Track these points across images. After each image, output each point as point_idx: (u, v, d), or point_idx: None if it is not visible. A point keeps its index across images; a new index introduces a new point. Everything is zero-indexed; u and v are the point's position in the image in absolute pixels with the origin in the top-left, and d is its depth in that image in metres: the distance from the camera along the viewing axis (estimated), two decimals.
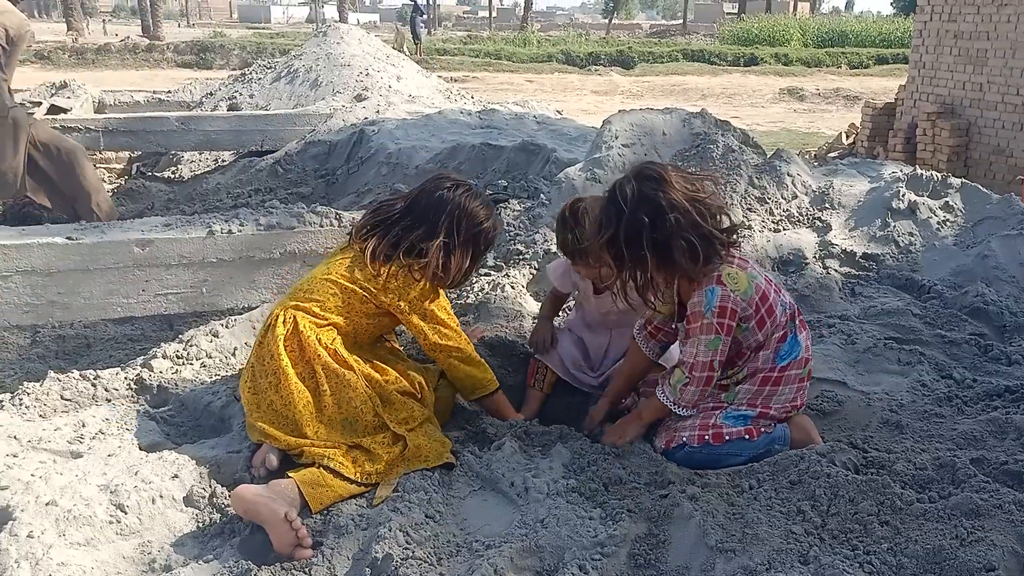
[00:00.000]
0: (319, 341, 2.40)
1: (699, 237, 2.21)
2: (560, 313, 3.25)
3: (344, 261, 2.55)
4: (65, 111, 6.48)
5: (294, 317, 2.43)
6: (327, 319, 2.46)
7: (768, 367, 2.36)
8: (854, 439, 2.46)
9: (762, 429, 2.37)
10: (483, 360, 2.64)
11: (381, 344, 2.67)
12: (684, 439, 2.35)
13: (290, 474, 2.21)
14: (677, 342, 2.70)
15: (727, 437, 2.33)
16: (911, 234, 4.05)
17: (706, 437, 2.33)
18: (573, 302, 3.18)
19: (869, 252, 3.97)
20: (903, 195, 4.15)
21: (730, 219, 2.34)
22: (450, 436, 2.49)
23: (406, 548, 2.00)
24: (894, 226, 4.07)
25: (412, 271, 2.51)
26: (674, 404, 2.36)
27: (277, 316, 2.46)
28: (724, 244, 2.28)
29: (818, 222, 4.12)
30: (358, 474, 2.24)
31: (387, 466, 2.28)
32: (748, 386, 2.37)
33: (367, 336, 2.59)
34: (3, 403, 2.61)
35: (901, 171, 4.44)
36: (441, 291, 2.61)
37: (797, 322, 2.42)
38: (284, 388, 2.32)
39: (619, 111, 4.61)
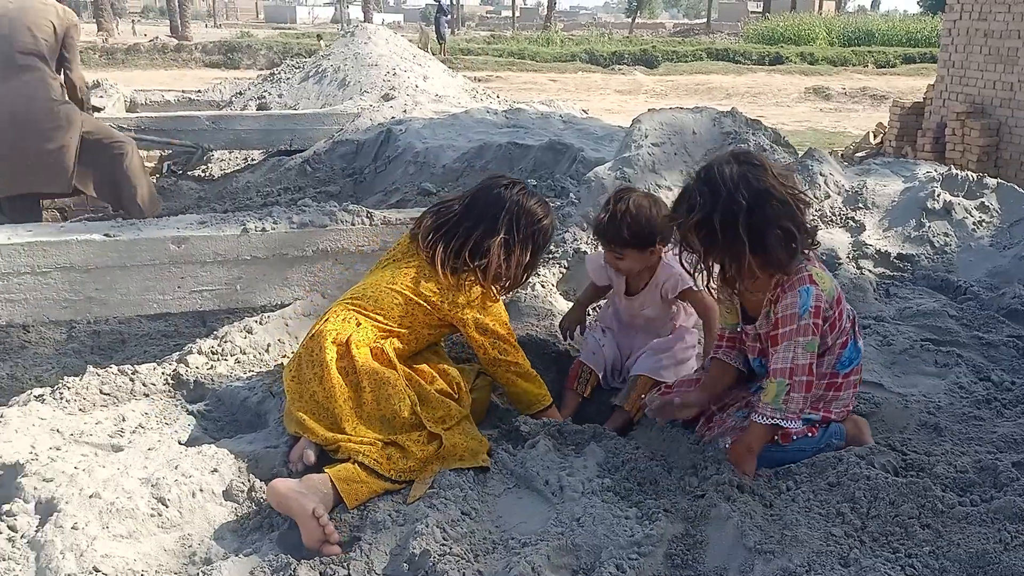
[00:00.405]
0: (370, 344, 2.42)
1: (797, 227, 2.16)
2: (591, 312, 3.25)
3: (410, 272, 2.58)
4: (99, 110, 6.55)
5: (357, 319, 2.46)
6: (392, 331, 2.49)
7: (831, 372, 2.33)
8: (892, 441, 2.44)
9: (817, 427, 2.35)
10: (538, 375, 2.67)
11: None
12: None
13: (326, 469, 2.23)
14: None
15: (794, 436, 2.29)
16: (946, 234, 4.00)
17: (775, 437, 2.29)
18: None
19: (904, 252, 3.93)
20: (938, 195, 4.10)
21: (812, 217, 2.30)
22: (485, 434, 2.50)
23: (443, 544, 2.00)
24: (929, 226, 4.03)
25: (476, 279, 2.55)
26: (782, 419, 2.20)
27: (336, 313, 2.48)
28: (812, 241, 2.24)
29: (851, 222, 4.08)
30: (392, 471, 2.25)
31: (421, 464, 2.29)
32: (814, 391, 2.31)
33: (425, 343, 2.62)
34: (44, 397, 2.65)
35: (936, 171, 4.39)
36: (500, 303, 2.64)
37: (856, 329, 2.39)
38: (327, 381, 2.34)
39: (648, 110, 4.59)
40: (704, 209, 2.16)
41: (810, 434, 2.32)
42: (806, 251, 2.22)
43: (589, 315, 3.18)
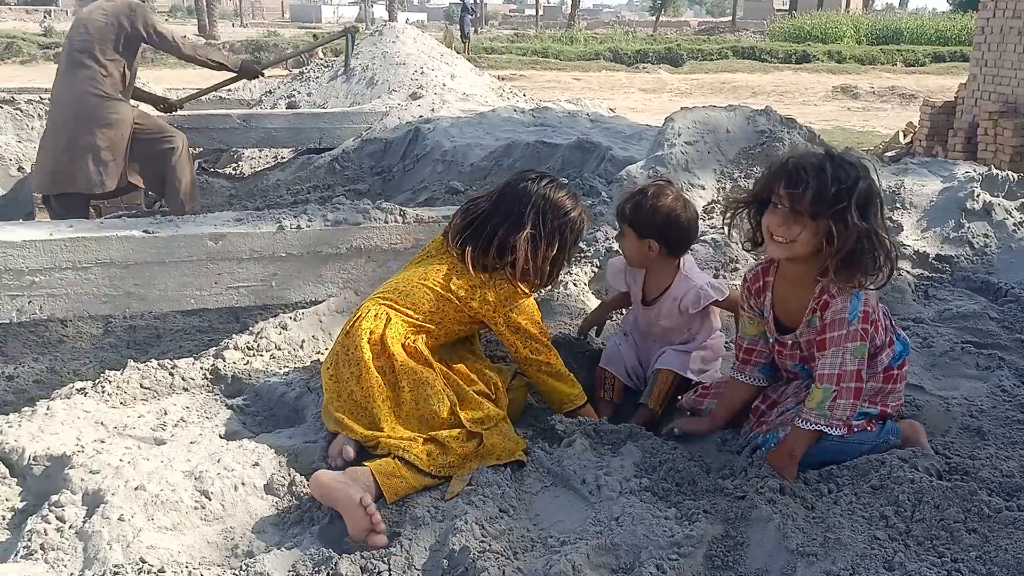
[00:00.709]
0: (402, 340, 2.43)
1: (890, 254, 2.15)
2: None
3: (442, 268, 2.57)
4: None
5: (387, 315, 2.46)
6: (422, 326, 2.49)
7: (886, 366, 2.32)
8: (935, 445, 2.42)
9: (875, 422, 2.33)
10: (571, 374, 2.65)
11: (461, 342, 2.68)
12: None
13: (366, 463, 2.24)
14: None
15: (855, 428, 2.26)
16: (986, 235, 3.95)
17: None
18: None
19: (942, 253, 3.88)
20: (977, 195, 4.05)
21: None
22: (520, 433, 2.50)
23: (482, 541, 2.01)
24: (968, 227, 3.98)
25: (506, 277, 2.53)
26: (827, 426, 2.18)
27: (368, 309, 2.49)
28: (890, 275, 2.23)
29: (889, 222, 4.04)
30: (432, 467, 2.25)
31: (461, 460, 2.29)
32: (871, 383, 2.31)
33: (454, 338, 2.62)
34: (86, 390, 2.68)
35: (975, 171, 4.33)
36: (532, 301, 2.60)
37: (891, 322, 2.38)
38: (365, 380, 2.34)
39: (681, 108, 4.58)
40: (845, 183, 2.09)
41: (869, 428, 2.30)
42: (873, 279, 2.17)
43: (611, 319, 3.16)
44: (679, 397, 2.69)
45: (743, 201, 2.33)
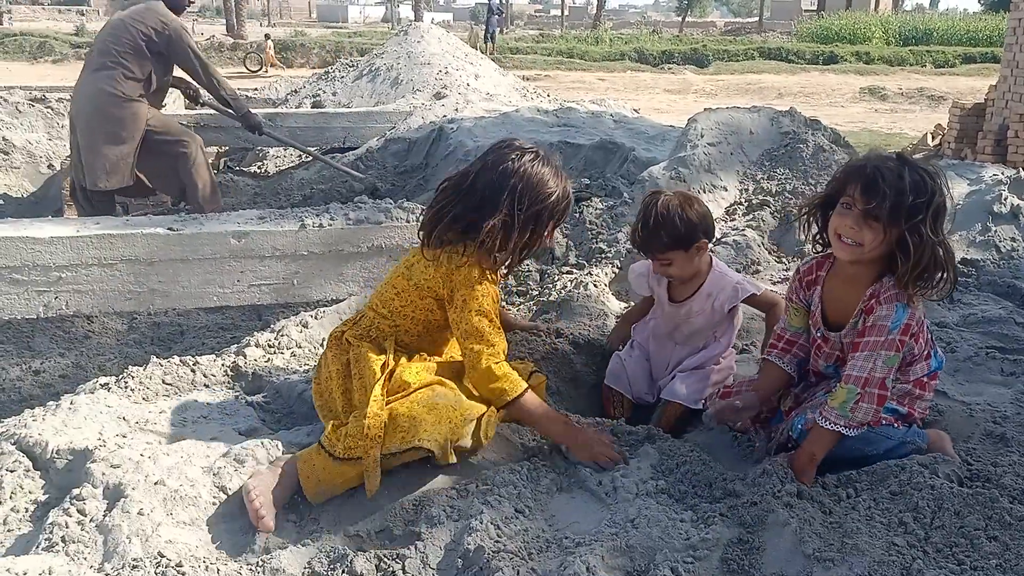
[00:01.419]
0: (367, 337, 2.40)
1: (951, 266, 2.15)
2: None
3: (409, 258, 2.44)
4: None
5: (362, 315, 2.46)
6: (396, 323, 2.39)
7: (917, 376, 2.30)
8: (957, 451, 2.38)
9: (901, 421, 2.32)
10: (513, 374, 2.34)
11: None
12: None
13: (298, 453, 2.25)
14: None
15: (883, 421, 2.24)
16: (1013, 239, 3.89)
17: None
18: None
19: (968, 257, 3.83)
20: (1005, 199, 3.99)
21: None
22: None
23: (497, 541, 2.01)
24: (995, 231, 3.92)
25: (462, 252, 2.30)
26: (845, 427, 2.17)
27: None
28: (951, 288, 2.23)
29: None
30: (337, 448, 2.16)
31: (364, 438, 2.12)
32: (902, 384, 2.29)
33: (438, 333, 2.45)
34: (109, 385, 2.72)
35: (1003, 174, 4.27)
36: (491, 287, 2.35)
37: (931, 337, 2.37)
38: (333, 381, 2.38)
39: (704, 109, 4.56)
40: (923, 195, 2.06)
41: (895, 425, 2.28)
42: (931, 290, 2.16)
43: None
44: (704, 405, 2.65)
45: (817, 203, 2.28)
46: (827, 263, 2.36)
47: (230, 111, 5.98)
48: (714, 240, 3.30)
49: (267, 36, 23.58)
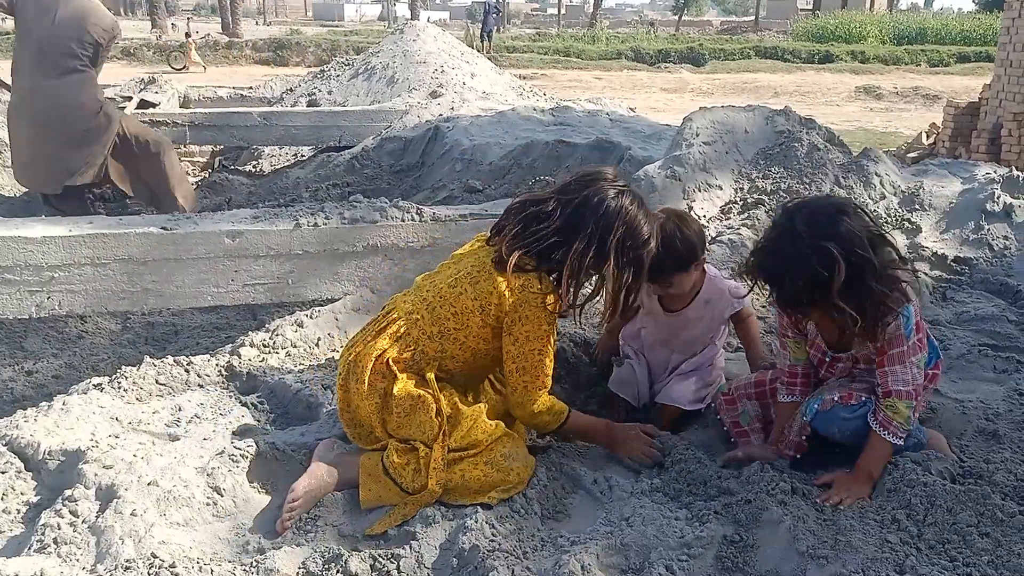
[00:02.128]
0: (410, 367, 2.29)
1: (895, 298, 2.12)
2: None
3: (472, 272, 2.28)
4: (154, 105, 6.72)
5: (407, 334, 2.28)
6: (443, 348, 2.28)
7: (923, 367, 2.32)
8: (949, 448, 2.39)
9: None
10: (555, 403, 2.34)
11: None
12: (864, 399, 2.23)
13: (359, 457, 2.26)
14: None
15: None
16: (1006, 237, 3.90)
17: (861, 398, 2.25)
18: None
19: (961, 255, 3.83)
20: (998, 197, 4.00)
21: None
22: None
23: (492, 540, 2.01)
24: (988, 229, 3.92)
25: (539, 283, 2.21)
26: (903, 438, 2.19)
27: (394, 322, 2.31)
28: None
29: (907, 223, 3.99)
30: (403, 479, 2.17)
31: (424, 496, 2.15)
32: None
33: (488, 360, 2.34)
34: (103, 386, 2.72)
35: (996, 172, 4.28)
36: (554, 325, 2.25)
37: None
38: (367, 400, 2.26)
39: (700, 108, 4.56)
40: (819, 278, 2.03)
41: None
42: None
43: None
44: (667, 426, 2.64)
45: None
46: None
47: None
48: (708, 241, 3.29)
49: (187, 35, 25.07)
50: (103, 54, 5.37)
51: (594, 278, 2.27)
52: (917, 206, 4.09)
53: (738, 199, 4.06)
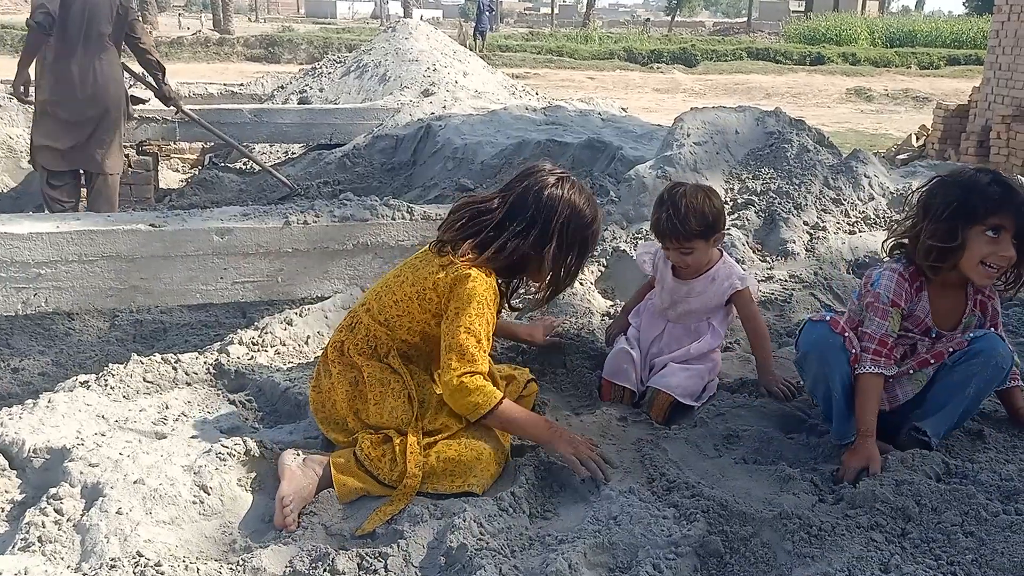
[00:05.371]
0: (368, 350, 2.35)
1: None
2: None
3: (414, 261, 2.41)
4: (144, 101, 6.67)
5: (359, 322, 2.37)
6: (395, 332, 2.34)
7: None
8: (936, 447, 2.39)
9: None
10: (486, 385, 2.26)
11: None
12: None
13: (329, 455, 2.25)
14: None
15: None
16: None
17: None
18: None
19: None
20: None
21: None
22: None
23: (480, 539, 2.01)
24: None
25: (470, 266, 2.27)
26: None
27: (347, 317, 2.42)
28: None
29: (895, 225, 4.00)
30: (380, 471, 2.19)
31: (403, 492, 2.16)
32: None
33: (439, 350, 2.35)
34: (89, 383, 2.70)
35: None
36: (491, 308, 2.29)
37: None
38: (337, 392, 2.31)
39: (691, 108, 4.57)
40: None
41: None
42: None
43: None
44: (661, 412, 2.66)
45: (942, 235, 2.37)
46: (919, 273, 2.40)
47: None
48: None
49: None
50: (127, 29, 5.44)
51: (568, 264, 2.37)
52: (905, 207, 4.09)
53: (728, 199, 4.07)
